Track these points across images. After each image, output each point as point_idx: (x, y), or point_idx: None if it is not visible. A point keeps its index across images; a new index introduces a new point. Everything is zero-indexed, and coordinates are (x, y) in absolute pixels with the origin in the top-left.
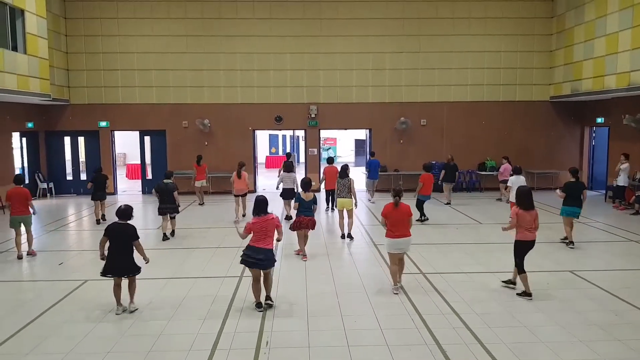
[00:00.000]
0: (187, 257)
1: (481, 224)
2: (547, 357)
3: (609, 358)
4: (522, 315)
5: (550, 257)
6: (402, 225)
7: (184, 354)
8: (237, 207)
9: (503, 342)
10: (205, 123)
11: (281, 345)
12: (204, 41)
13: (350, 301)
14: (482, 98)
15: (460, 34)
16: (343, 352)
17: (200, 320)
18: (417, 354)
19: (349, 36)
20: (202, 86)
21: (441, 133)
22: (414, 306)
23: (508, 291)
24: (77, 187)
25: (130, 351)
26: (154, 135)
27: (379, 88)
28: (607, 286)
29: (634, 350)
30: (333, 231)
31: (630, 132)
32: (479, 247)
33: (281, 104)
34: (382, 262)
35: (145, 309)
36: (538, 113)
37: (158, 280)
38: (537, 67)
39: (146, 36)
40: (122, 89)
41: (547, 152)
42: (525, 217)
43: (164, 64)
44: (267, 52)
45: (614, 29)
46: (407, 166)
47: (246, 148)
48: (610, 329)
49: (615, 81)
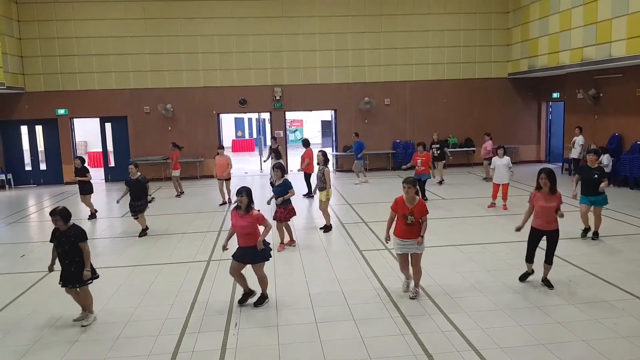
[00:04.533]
0: (155, 243)
1: (444, 199)
2: (505, 322)
3: (562, 321)
4: (484, 287)
5: (508, 228)
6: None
7: (152, 340)
8: (221, 188)
9: (463, 310)
10: (168, 108)
11: (250, 326)
12: (163, 24)
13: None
14: (443, 76)
15: (420, 13)
16: (311, 329)
17: (169, 305)
18: (381, 325)
19: (310, 17)
20: (163, 70)
21: (405, 112)
22: (379, 282)
23: (471, 263)
24: (36, 178)
25: (97, 339)
26: (115, 121)
27: (342, 68)
28: (561, 254)
29: (585, 313)
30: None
31: (584, 106)
32: (443, 222)
33: (245, 86)
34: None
35: (113, 296)
36: (497, 90)
37: (126, 268)
38: (495, 45)
39: (103, 20)
40: (80, 75)
41: (507, 128)
42: (539, 202)
43: (122, 48)
44: (228, 34)
45: (567, 6)
46: (372, 146)
47: (211, 132)
48: (565, 295)
49: (569, 57)
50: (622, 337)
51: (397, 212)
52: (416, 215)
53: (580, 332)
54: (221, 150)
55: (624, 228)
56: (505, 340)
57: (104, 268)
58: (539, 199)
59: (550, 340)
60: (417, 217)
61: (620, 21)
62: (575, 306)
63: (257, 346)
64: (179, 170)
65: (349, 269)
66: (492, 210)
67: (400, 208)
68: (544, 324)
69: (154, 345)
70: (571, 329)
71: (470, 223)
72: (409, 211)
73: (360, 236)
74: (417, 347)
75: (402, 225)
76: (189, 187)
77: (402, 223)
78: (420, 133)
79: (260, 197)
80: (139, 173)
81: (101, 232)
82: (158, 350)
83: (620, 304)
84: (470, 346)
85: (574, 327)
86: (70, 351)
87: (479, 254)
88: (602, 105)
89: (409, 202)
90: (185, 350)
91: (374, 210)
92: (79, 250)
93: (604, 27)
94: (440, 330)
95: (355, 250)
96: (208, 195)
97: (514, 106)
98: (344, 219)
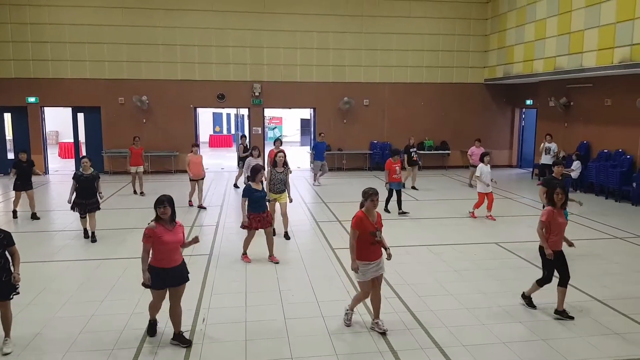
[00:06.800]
0: (124, 237)
1: (417, 200)
2: (468, 321)
3: (525, 320)
4: (449, 285)
5: (478, 231)
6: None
7: (117, 334)
8: (192, 192)
9: (430, 309)
10: (143, 100)
11: (218, 321)
12: (141, 14)
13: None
14: (422, 79)
15: (401, 16)
16: (280, 326)
17: (136, 299)
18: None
19: (293, 14)
20: (140, 61)
21: (383, 113)
22: (347, 275)
23: (441, 263)
24: (4, 167)
25: (60, 333)
26: (88, 112)
27: (323, 67)
28: (526, 256)
29: (547, 314)
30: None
31: (556, 113)
32: (416, 223)
33: (224, 81)
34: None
35: (77, 290)
36: (473, 95)
37: (92, 261)
38: (473, 51)
39: (78, 7)
40: (53, 63)
41: (481, 132)
42: (557, 219)
43: (98, 37)
44: (208, 28)
45: (542, 15)
46: (350, 145)
47: (188, 126)
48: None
49: (542, 65)
50: (579, 336)
51: (364, 231)
52: (380, 229)
53: (541, 333)
54: (195, 149)
55: (588, 233)
56: (468, 339)
57: (70, 261)
58: (557, 217)
59: (509, 339)
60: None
61: (592, 32)
62: (537, 306)
63: (224, 342)
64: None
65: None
66: (465, 213)
67: (365, 225)
68: (507, 323)
69: (118, 339)
70: (532, 329)
71: (441, 224)
72: (375, 227)
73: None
74: (382, 344)
75: (366, 245)
76: (162, 182)
77: (366, 243)
78: (397, 134)
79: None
80: (92, 168)
81: (68, 225)
82: (122, 345)
83: (580, 305)
84: (435, 344)
85: (533, 326)
86: (30, 345)
87: (449, 254)
88: (572, 113)
89: (372, 216)
90: (152, 343)
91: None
92: (7, 256)
93: (577, 38)
94: (406, 328)
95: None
96: (182, 190)
97: (489, 111)
98: (318, 217)
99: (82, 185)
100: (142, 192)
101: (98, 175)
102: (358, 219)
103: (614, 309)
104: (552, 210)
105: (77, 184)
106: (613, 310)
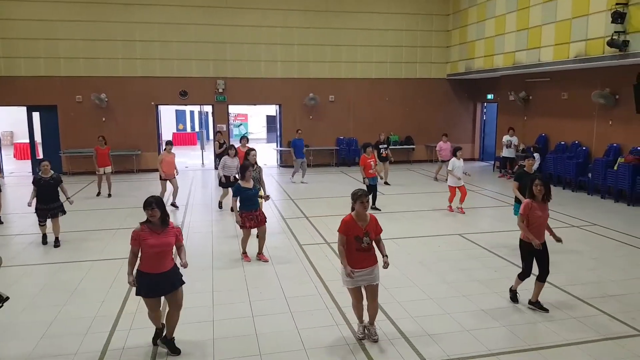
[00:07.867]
0: (85, 239)
1: (383, 194)
2: (435, 310)
3: (487, 308)
4: (417, 278)
5: (442, 223)
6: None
7: (80, 338)
8: (163, 191)
9: (396, 300)
10: (102, 97)
11: (185, 321)
12: (97, 9)
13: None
14: (386, 75)
15: (365, 12)
16: (248, 323)
17: (99, 302)
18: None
19: (255, 9)
20: (97, 58)
21: (348, 109)
22: (315, 270)
23: (406, 256)
24: None
25: (21, 339)
26: (44, 111)
27: (287, 63)
28: (489, 246)
29: (509, 300)
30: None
31: (515, 107)
32: (381, 216)
33: (186, 77)
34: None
35: (38, 294)
36: (436, 90)
37: (53, 265)
38: (435, 46)
39: (31, 1)
40: (4, 60)
41: (445, 127)
42: (535, 212)
43: (52, 32)
44: (168, 23)
45: (502, 11)
46: (316, 142)
47: (149, 124)
48: (490, 284)
49: (502, 60)
50: (540, 322)
51: (349, 236)
52: (372, 235)
53: (504, 320)
54: (169, 147)
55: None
56: (434, 328)
57: (29, 265)
58: (535, 209)
59: (473, 327)
60: (372, 238)
61: (549, 28)
62: (499, 294)
63: (191, 342)
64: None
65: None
66: (430, 206)
67: (352, 229)
68: (470, 312)
69: (81, 344)
70: (494, 317)
71: (405, 217)
72: (363, 232)
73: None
74: (350, 335)
75: (352, 251)
76: (125, 182)
77: (352, 248)
78: (363, 130)
79: (214, 194)
80: (52, 171)
81: (26, 228)
82: (85, 349)
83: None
84: (402, 334)
85: (496, 314)
86: None
87: (413, 247)
88: (531, 107)
89: (362, 220)
90: (116, 347)
91: (316, 205)
92: None
93: (535, 33)
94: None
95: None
96: (149, 190)
97: (452, 106)
98: (285, 213)
99: (43, 190)
100: (109, 194)
101: (60, 178)
102: (343, 223)
103: (572, 295)
104: (530, 202)
105: (36, 189)
106: (571, 296)
